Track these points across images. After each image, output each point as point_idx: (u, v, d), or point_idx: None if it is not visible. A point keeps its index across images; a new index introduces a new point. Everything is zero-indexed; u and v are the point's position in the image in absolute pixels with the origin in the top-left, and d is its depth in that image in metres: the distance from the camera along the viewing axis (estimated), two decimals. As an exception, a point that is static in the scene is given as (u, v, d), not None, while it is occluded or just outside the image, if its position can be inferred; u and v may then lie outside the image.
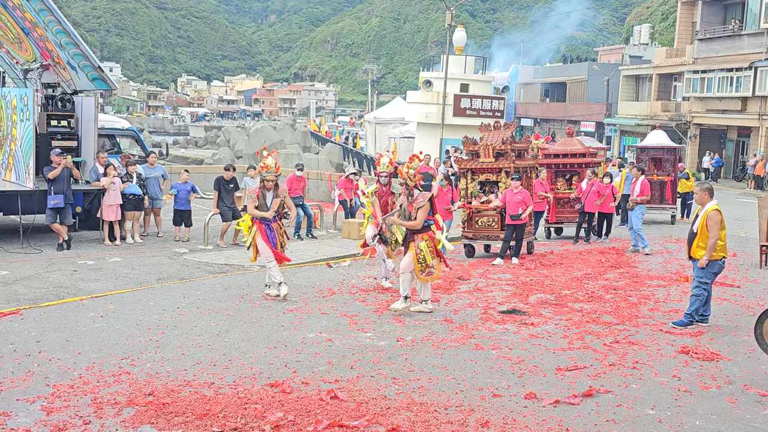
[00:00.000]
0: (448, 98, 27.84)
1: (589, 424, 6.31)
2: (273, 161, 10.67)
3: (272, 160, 10.66)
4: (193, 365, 7.60)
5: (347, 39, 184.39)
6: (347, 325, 9.28)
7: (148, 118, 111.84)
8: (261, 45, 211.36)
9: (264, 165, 10.74)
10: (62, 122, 15.11)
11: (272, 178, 10.61)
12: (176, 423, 6.07)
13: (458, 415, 6.39)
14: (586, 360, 8.05)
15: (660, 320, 9.82)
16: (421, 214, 9.93)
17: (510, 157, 14.66)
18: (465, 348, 8.43)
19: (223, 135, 61.78)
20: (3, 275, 11.63)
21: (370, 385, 7.12)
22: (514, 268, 13.49)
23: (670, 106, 44.85)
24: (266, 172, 10.62)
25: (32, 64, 15.98)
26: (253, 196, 10.68)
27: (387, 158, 11.62)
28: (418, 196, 10.07)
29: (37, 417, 6.14)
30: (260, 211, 10.59)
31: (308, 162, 35.71)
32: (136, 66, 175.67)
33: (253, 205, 10.67)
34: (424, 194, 10.12)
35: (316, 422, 6.10)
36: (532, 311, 10.18)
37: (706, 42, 40.88)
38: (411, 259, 9.90)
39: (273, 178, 10.62)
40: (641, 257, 14.92)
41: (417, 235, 9.98)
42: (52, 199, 13.57)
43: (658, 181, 20.52)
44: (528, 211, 14.21)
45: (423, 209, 9.94)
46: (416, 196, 10.08)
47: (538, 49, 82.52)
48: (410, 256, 9.92)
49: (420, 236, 9.98)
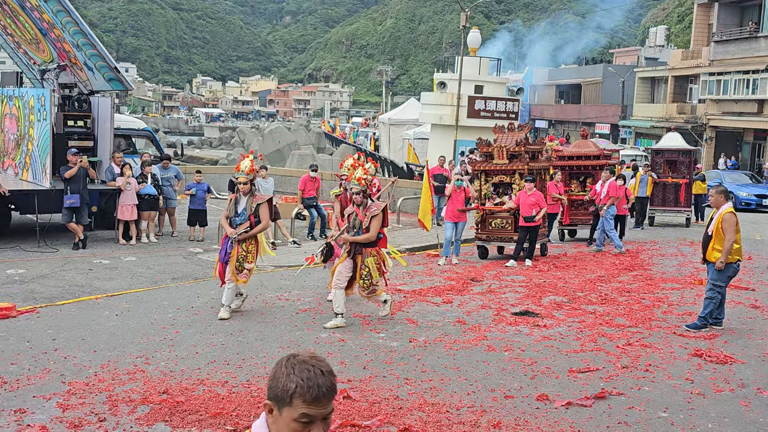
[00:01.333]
0: (463, 100, 27.82)
1: (601, 426, 6.31)
2: (248, 163, 9.67)
3: (248, 162, 9.68)
4: (206, 364, 7.65)
5: (362, 40, 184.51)
6: (360, 326, 9.31)
7: (163, 118, 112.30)
8: (276, 46, 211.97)
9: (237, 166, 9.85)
10: (79, 122, 15.21)
11: (244, 180, 9.59)
12: (190, 421, 6.12)
13: (470, 416, 6.41)
14: (599, 362, 8.04)
15: (673, 323, 9.79)
16: (375, 224, 9.16)
17: (524, 158, 14.65)
18: (477, 349, 8.44)
19: (238, 136, 62.03)
20: (20, 273, 11.74)
21: (382, 385, 7.15)
22: (527, 270, 13.48)
23: (686, 108, 44.61)
24: (238, 173, 9.68)
25: (49, 64, 16.11)
26: (231, 199, 9.87)
27: (352, 160, 10.75)
28: (372, 205, 9.33)
29: (53, 414, 6.20)
30: (226, 223, 9.66)
31: (322, 163, 35.80)
32: (151, 67, 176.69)
33: (225, 214, 9.81)
34: (377, 203, 9.43)
35: (329, 422, 6.12)
36: (545, 313, 10.17)
37: (722, 44, 40.64)
38: (345, 271, 9.21)
39: (245, 181, 9.60)
40: (656, 259, 14.86)
41: (365, 249, 9.25)
42: (68, 198, 13.68)
43: (673, 183, 20.44)
44: (542, 213, 14.19)
45: (377, 219, 9.19)
46: (369, 205, 9.33)
47: (554, 51, 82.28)
48: (345, 267, 9.22)
49: (368, 251, 9.25)
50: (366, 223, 9.17)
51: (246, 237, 9.45)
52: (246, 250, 9.51)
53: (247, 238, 9.47)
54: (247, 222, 9.48)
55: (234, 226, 9.51)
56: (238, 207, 9.59)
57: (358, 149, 45.49)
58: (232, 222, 9.55)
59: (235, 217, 9.54)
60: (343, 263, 9.27)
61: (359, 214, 9.23)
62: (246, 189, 9.61)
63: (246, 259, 9.48)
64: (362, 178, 9.33)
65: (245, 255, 9.48)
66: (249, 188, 9.62)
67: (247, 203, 9.56)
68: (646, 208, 20.42)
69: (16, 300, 9.91)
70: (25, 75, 17.72)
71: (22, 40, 16.56)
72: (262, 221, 9.56)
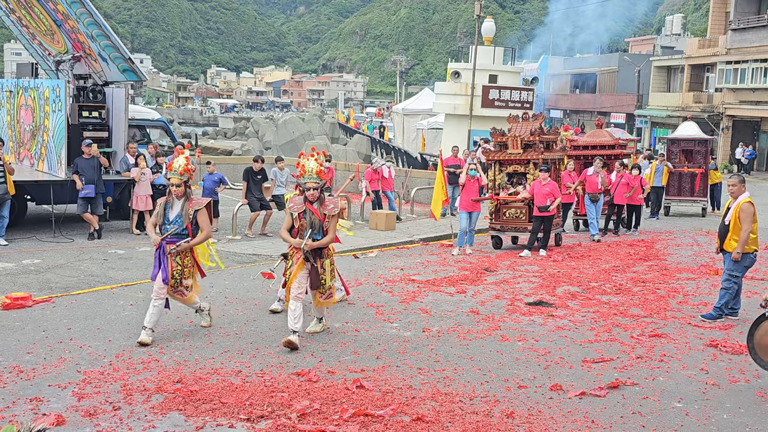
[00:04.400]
0: (477, 89, 27.70)
1: (614, 416, 6.29)
2: (183, 162, 8.19)
3: (182, 160, 8.20)
4: (220, 353, 7.68)
5: (376, 30, 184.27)
6: (373, 316, 9.32)
7: (177, 109, 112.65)
8: (290, 36, 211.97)
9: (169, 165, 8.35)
10: (93, 113, 15.28)
11: (176, 182, 8.15)
12: (204, 410, 6.15)
13: (483, 406, 6.40)
14: (613, 352, 8.01)
15: (689, 313, 9.74)
16: (334, 225, 8.14)
17: (538, 148, 14.59)
18: (491, 339, 8.43)
19: (252, 126, 62.06)
20: (36, 263, 11.83)
21: (395, 375, 7.15)
22: (541, 260, 13.44)
23: (703, 97, 44.24)
24: (170, 173, 8.22)
25: (64, 55, 16.18)
26: (160, 203, 8.35)
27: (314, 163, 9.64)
28: (328, 202, 8.18)
29: (68, 402, 6.25)
30: (152, 231, 8.26)
31: (336, 153, 35.81)
32: (166, 57, 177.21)
33: (152, 220, 8.35)
34: (334, 200, 8.28)
35: (342, 411, 6.14)
36: (559, 303, 10.14)
37: (739, 32, 40.23)
38: (304, 280, 8.05)
39: (178, 182, 8.16)
40: (671, 249, 14.78)
41: (322, 251, 8.18)
42: (83, 189, 13.77)
43: (689, 173, 20.30)
44: (556, 203, 14.13)
45: (335, 219, 8.17)
46: (326, 202, 8.15)
47: (568, 40, 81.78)
48: (304, 277, 8.04)
49: (325, 252, 8.21)
50: (325, 225, 8.07)
51: (183, 250, 8.13)
52: (182, 264, 8.17)
53: (182, 251, 8.15)
54: (176, 227, 8.13)
55: (163, 233, 8.16)
56: (170, 213, 8.20)
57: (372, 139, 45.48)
58: (161, 230, 8.20)
59: (167, 224, 8.17)
60: (302, 271, 8.03)
61: (316, 213, 8.04)
62: (180, 192, 8.19)
63: (183, 275, 8.20)
64: (322, 171, 8.14)
65: (181, 270, 8.18)
66: (183, 191, 8.20)
67: (182, 209, 8.17)
68: (662, 198, 20.30)
69: (32, 290, 9.99)
70: (41, 66, 17.80)
71: (37, 31, 16.64)
72: (203, 230, 8.23)
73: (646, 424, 6.15)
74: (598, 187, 16.17)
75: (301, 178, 8.08)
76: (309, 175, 8.00)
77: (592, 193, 16.12)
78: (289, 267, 8.10)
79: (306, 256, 7.97)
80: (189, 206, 8.19)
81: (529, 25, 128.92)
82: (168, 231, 8.07)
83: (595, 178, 16.15)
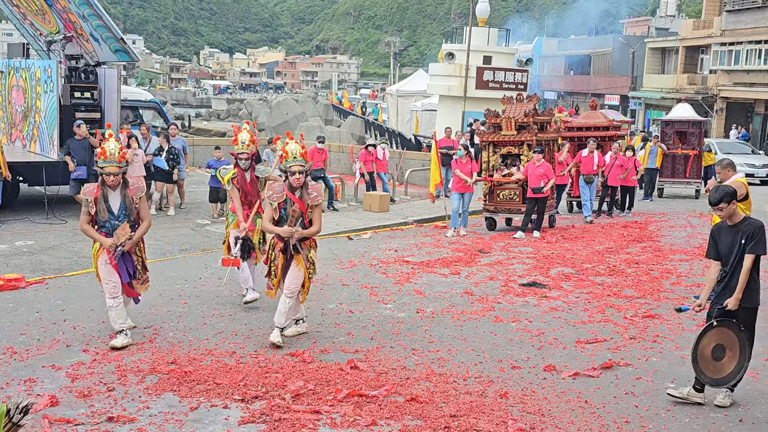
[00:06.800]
0: (471, 71, 27.63)
1: (608, 396, 6.32)
2: (114, 146, 7.07)
3: (114, 145, 7.06)
4: (214, 335, 7.68)
5: (369, 11, 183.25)
6: (367, 297, 9.32)
7: (170, 90, 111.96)
8: (283, 17, 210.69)
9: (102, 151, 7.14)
10: (86, 94, 15.16)
11: (114, 170, 7.04)
12: (198, 391, 6.16)
13: (477, 386, 6.43)
14: (606, 333, 8.04)
15: (682, 294, 9.77)
16: (319, 214, 7.46)
17: (532, 130, 14.56)
18: (485, 320, 8.45)
19: (246, 108, 61.81)
20: (29, 245, 11.79)
21: (389, 355, 7.17)
22: (535, 242, 13.45)
23: (697, 79, 44.19)
24: (104, 161, 7.07)
25: (55, 35, 16.03)
26: (89, 198, 7.19)
27: (247, 134, 8.72)
28: (311, 189, 7.42)
29: (62, 383, 6.25)
30: (92, 231, 7.18)
31: (330, 135, 35.69)
32: (158, 38, 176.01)
33: (85, 217, 7.21)
34: (317, 186, 7.61)
35: (336, 391, 6.15)
36: (553, 284, 10.16)
37: (734, 14, 40.12)
38: (299, 274, 7.40)
39: (114, 170, 7.04)
40: (665, 231, 14.81)
41: (304, 242, 7.47)
42: (75, 170, 13.71)
43: (683, 155, 20.30)
44: (550, 185, 14.13)
45: (319, 208, 7.49)
46: (309, 189, 7.41)
47: (562, 21, 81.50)
48: (298, 271, 7.40)
49: (307, 244, 7.50)
50: (310, 215, 7.39)
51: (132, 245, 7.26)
52: (140, 255, 7.47)
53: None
54: (125, 223, 7.16)
55: (112, 230, 7.16)
56: (112, 206, 7.17)
57: (366, 121, 45.35)
58: (108, 227, 7.18)
59: (112, 220, 7.16)
60: (292, 265, 7.41)
61: (297, 202, 7.28)
62: (117, 182, 7.14)
63: (144, 266, 7.53)
64: (305, 153, 7.44)
65: (142, 260, 7.49)
66: (120, 180, 7.17)
67: (124, 199, 7.18)
68: (656, 180, 20.33)
69: (25, 271, 9.96)
70: (32, 46, 17.65)
71: (28, 11, 16.47)
72: (145, 219, 7.37)
73: (639, 404, 6.18)
74: (593, 169, 16.16)
75: (284, 162, 7.35)
76: (293, 158, 7.29)
77: (586, 175, 16.11)
78: (272, 259, 7.51)
79: (294, 247, 7.32)
80: (131, 194, 7.22)
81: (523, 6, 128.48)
82: (115, 227, 7.11)
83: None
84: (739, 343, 6.20)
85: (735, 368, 6.19)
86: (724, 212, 6.18)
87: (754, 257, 6.07)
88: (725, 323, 6.19)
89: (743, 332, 6.20)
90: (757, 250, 6.05)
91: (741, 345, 6.19)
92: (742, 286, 6.07)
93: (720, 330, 6.19)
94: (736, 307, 6.12)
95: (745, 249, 6.07)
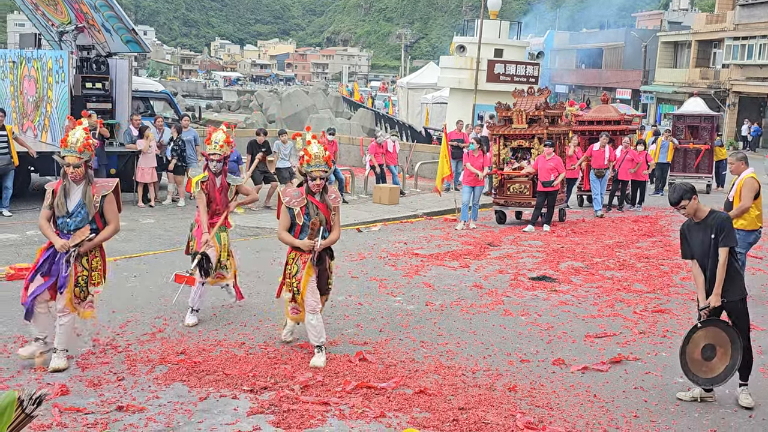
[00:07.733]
0: (482, 64, 27.54)
1: (617, 390, 6.31)
2: (81, 135, 6.37)
3: (80, 134, 6.38)
4: (224, 325, 7.71)
5: (381, 3, 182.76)
6: (377, 289, 9.33)
7: (181, 81, 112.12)
8: (294, 9, 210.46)
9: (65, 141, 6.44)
10: (97, 84, 15.21)
11: (75, 161, 6.31)
12: (207, 381, 6.18)
13: (486, 380, 6.42)
14: (616, 328, 8.02)
15: (692, 289, 9.70)
16: (338, 218, 6.95)
17: (543, 123, 14.51)
18: (494, 313, 8.44)
19: (256, 99, 61.80)
20: (40, 235, 11.81)
21: (398, 348, 7.18)
22: (545, 235, 13.42)
23: (709, 73, 43.94)
24: (64, 150, 6.36)
25: (67, 26, 16.08)
26: (49, 190, 6.47)
27: (222, 134, 7.90)
28: (330, 191, 6.92)
29: (72, 372, 6.28)
30: (50, 229, 6.40)
31: (340, 127, 35.66)
32: (170, 29, 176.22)
33: (45, 212, 6.45)
34: (334, 189, 7.14)
35: (345, 383, 6.16)
36: (563, 278, 10.14)
37: (747, 7, 39.85)
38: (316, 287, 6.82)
39: (77, 162, 6.32)
40: (675, 225, 14.74)
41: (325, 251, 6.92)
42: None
43: (694, 149, 20.21)
44: (560, 178, 14.09)
45: (338, 211, 6.98)
46: (329, 191, 6.90)
47: (575, 14, 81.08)
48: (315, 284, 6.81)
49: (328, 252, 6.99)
50: (332, 220, 6.85)
51: (89, 248, 6.41)
52: (90, 267, 6.47)
53: (88, 250, 6.43)
54: (87, 226, 6.36)
55: (67, 230, 6.39)
56: (70, 202, 6.38)
57: (377, 113, 45.29)
58: (61, 225, 6.40)
59: (67, 217, 6.36)
60: (313, 277, 6.80)
61: (320, 206, 6.77)
62: (78, 175, 6.37)
63: (91, 281, 6.50)
64: (328, 157, 6.82)
65: (87, 275, 6.46)
66: (83, 173, 6.40)
67: (85, 196, 6.38)
68: (667, 174, 20.24)
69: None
70: (44, 37, 17.71)
71: (40, 2, 16.52)
72: (111, 222, 6.49)
73: (648, 399, 6.17)
74: (604, 163, 16.10)
75: (304, 165, 6.73)
76: (316, 162, 6.66)
77: (597, 169, 16.06)
78: (294, 274, 6.81)
79: (319, 258, 6.76)
80: (93, 191, 6.43)
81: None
82: (70, 225, 6.34)
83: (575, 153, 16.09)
84: (729, 338, 6.12)
85: (729, 364, 6.13)
86: (688, 209, 6.10)
87: (728, 250, 6.01)
88: (710, 322, 6.12)
89: (731, 327, 6.14)
90: (728, 242, 5.98)
91: (731, 340, 6.11)
92: (721, 282, 6.01)
93: (706, 330, 6.13)
94: (718, 304, 6.06)
95: (717, 244, 6.01)
